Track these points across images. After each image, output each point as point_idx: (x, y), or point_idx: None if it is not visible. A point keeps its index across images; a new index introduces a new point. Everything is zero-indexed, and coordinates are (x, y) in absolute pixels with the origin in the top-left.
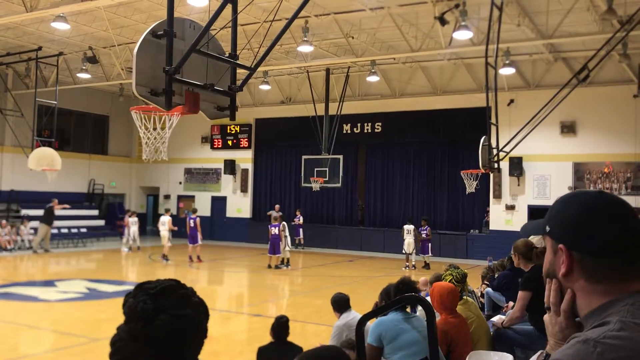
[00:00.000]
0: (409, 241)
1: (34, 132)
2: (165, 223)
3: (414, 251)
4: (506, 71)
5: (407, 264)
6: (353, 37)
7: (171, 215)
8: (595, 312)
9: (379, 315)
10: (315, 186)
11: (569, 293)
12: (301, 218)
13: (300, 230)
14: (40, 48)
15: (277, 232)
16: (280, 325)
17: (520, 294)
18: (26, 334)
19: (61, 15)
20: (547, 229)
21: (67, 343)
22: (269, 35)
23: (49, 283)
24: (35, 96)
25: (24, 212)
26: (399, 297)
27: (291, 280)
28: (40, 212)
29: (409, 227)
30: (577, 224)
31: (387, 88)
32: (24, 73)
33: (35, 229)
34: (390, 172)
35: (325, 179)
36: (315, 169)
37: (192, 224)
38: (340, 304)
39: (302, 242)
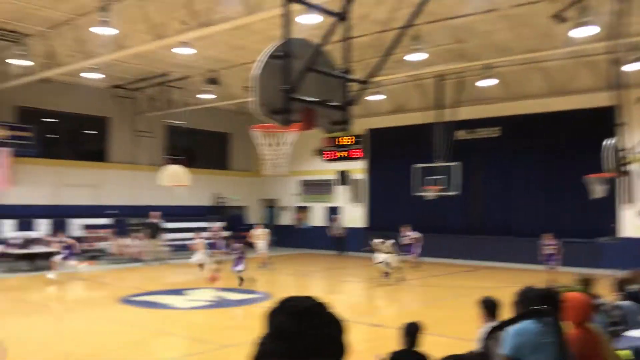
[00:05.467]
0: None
1: (165, 151)
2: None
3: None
4: (634, 67)
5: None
6: (465, 42)
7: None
8: None
9: (511, 325)
10: (431, 195)
11: None
12: (411, 235)
13: (412, 247)
14: (167, 73)
15: None
16: (414, 332)
17: None
18: (162, 340)
19: (185, 41)
20: None
21: (199, 349)
22: (381, 47)
23: (179, 292)
24: (164, 118)
25: None
26: (530, 309)
27: (409, 291)
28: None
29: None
30: None
31: (503, 91)
32: (154, 96)
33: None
34: (510, 178)
35: (440, 187)
36: (430, 178)
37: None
38: (493, 308)
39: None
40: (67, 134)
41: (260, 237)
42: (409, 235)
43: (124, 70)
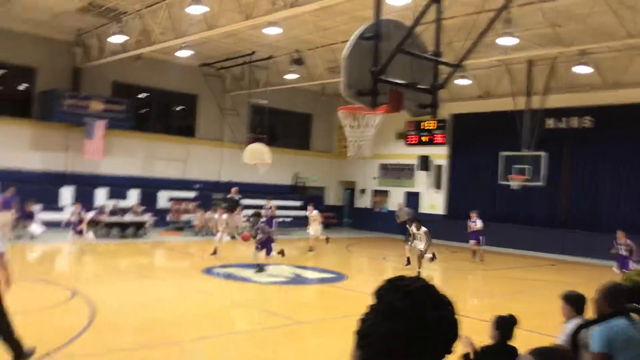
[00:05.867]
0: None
1: (248, 129)
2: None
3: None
4: None
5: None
6: (560, 26)
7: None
8: None
9: (602, 323)
10: (515, 184)
11: None
12: (478, 222)
13: (481, 238)
14: (253, 52)
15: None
16: (510, 326)
17: None
18: (240, 312)
19: (273, 21)
20: None
21: (275, 323)
22: (470, 29)
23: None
24: (249, 97)
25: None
26: (624, 307)
27: (487, 282)
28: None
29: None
30: None
31: (598, 78)
32: (239, 76)
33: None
34: (600, 170)
35: (525, 177)
36: (515, 166)
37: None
38: (580, 303)
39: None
40: (158, 109)
41: (310, 218)
42: (476, 222)
43: (212, 49)
